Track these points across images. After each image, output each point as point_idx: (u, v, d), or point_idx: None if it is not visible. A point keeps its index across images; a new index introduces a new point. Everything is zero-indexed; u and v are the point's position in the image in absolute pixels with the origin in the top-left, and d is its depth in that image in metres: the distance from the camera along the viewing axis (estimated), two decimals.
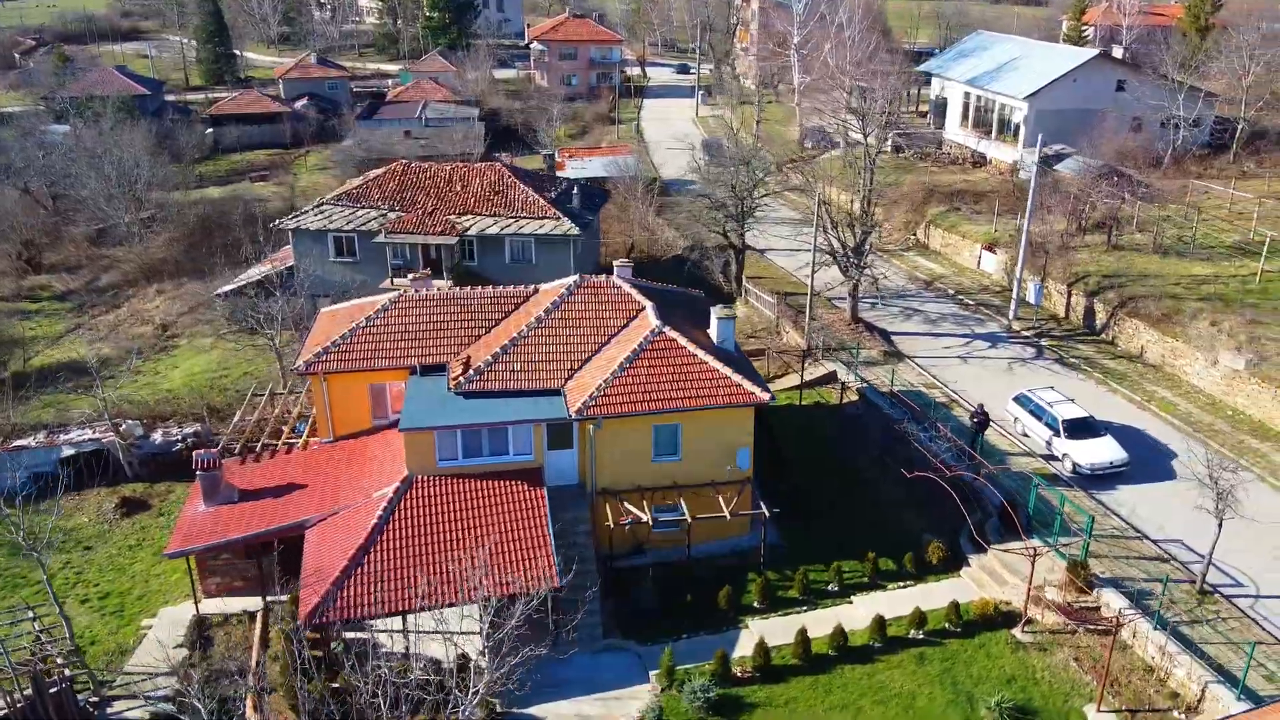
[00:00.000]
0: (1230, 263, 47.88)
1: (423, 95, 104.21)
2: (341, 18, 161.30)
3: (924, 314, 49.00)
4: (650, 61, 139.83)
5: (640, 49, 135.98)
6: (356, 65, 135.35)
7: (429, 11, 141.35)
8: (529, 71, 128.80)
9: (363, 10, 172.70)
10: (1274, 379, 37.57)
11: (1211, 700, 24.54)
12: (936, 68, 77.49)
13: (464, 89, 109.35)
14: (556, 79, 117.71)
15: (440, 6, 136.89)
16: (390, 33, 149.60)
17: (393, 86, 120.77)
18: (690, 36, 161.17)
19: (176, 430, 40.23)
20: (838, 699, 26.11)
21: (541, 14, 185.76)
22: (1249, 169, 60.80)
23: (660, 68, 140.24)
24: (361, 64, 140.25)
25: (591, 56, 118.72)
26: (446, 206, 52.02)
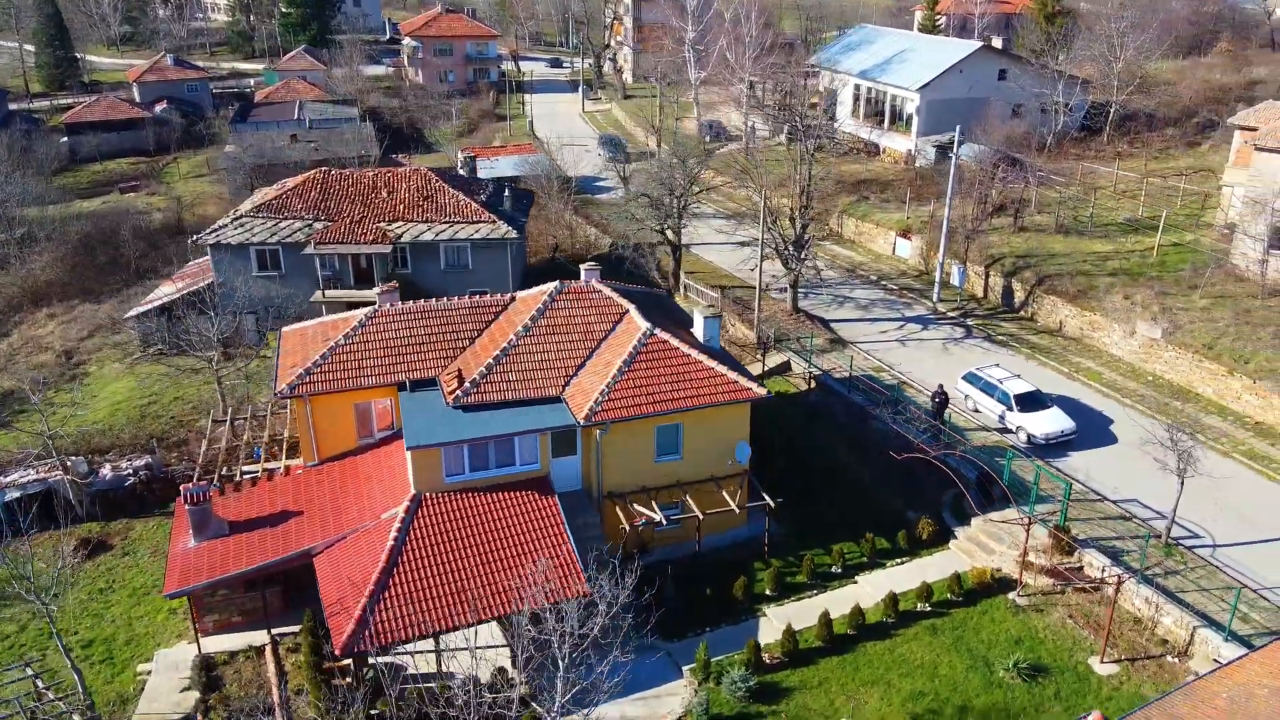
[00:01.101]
0: (1126, 239, 51.95)
1: (294, 95, 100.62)
2: (187, 15, 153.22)
3: (854, 301, 51.18)
4: (522, 56, 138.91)
5: (512, 43, 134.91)
6: (210, 65, 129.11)
7: (285, 7, 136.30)
8: (400, 68, 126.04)
9: (208, 7, 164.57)
10: (1189, 345, 41.21)
11: (1201, 643, 27.09)
12: (826, 61, 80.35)
13: (338, 88, 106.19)
14: (432, 76, 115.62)
15: (298, 2, 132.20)
16: (244, 30, 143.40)
17: (257, 87, 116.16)
18: (559, 30, 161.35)
19: (125, 464, 38.18)
20: (866, 675, 27.44)
21: (398, 8, 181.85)
22: (1123, 150, 65.82)
23: (532, 62, 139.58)
24: (215, 64, 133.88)
25: (468, 52, 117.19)
26: (374, 214, 50.82)
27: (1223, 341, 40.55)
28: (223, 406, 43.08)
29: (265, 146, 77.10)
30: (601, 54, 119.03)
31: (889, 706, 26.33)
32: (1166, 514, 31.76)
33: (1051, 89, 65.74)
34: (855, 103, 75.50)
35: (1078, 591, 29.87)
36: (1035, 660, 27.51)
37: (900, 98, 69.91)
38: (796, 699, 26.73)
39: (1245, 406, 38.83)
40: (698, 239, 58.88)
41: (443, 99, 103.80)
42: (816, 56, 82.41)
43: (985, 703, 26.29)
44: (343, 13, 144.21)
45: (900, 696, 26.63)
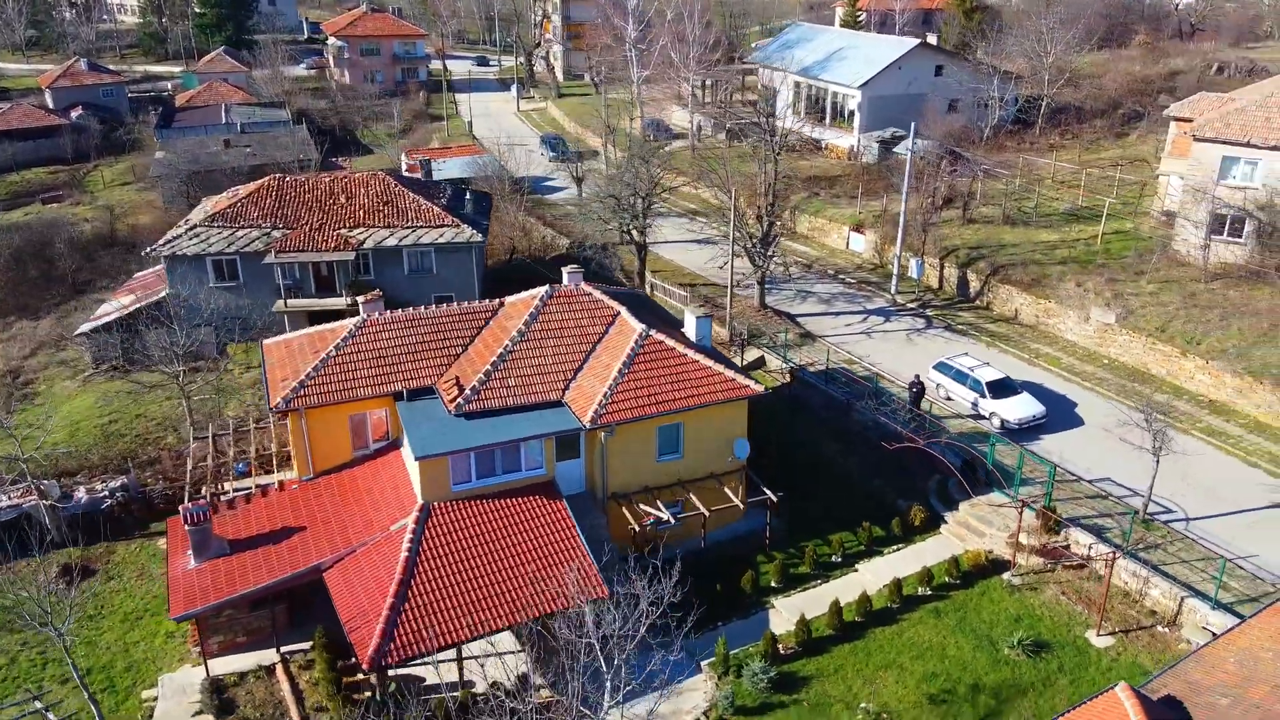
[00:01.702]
0: (1070, 228, 54.13)
1: (219, 98, 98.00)
2: (95, 17, 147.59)
3: (816, 295, 52.30)
4: (448, 55, 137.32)
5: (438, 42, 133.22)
6: (122, 69, 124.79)
7: (199, 7, 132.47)
8: (325, 68, 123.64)
9: (115, 8, 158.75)
10: (1142, 329, 43.28)
11: (1189, 612, 28.67)
12: (764, 59, 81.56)
13: (263, 90, 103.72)
14: (360, 76, 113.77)
15: (213, 2, 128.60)
16: (155, 32, 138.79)
17: (175, 90, 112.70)
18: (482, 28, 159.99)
19: (101, 486, 37.03)
20: (879, 660, 28.33)
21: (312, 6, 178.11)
22: (1055, 142, 68.45)
23: (458, 60, 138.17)
24: (127, 67, 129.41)
25: (395, 52, 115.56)
26: (334, 220, 50.06)
27: (1174, 324, 42.69)
28: (190, 422, 42.14)
29: (199, 153, 74.98)
30: (532, 52, 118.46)
31: (904, 689, 27.25)
32: (1139, 491, 33.51)
33: (987, 84, 67.95)
34: (795, 100, 76.84)
35: (1067, 569, 31.26)
36: (1036, 637, 28.74)
37: (841, 95, 71.44)
38: (815, 687, 27.47)
39: (1198, 386, 40.95)
40: (658, 238, 59.35)
41: (375, 99, 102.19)
42: (754, 55, 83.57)
43: (995, 680, 27.40)
44: (258, 12, 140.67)
45: (914, 679, 27.57)
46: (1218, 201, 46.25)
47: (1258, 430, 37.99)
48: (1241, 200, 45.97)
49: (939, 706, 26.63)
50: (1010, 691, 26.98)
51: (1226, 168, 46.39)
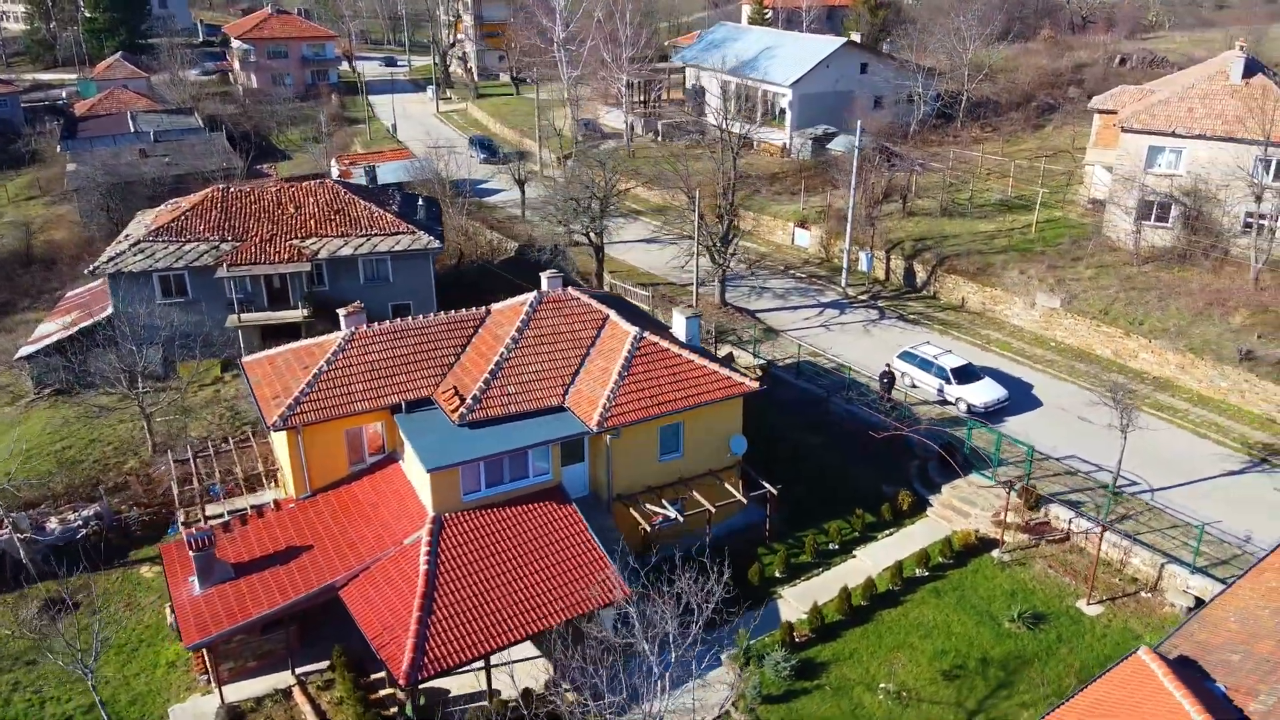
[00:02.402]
0: (1004, 218, 56.59)
1: (121, 106, 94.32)
2: None
3: (771, 291, 53.50)
4: (355, 56, 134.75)
5: (345, 43, 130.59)
6: (9, 77, 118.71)
7: (90, 11, 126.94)
8: (228, 72, 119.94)
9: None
10: (1086, 312, 45.69)
11: (1169, 577, 30.62)
12: (691, 58, 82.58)
13: (167, 96, 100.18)
14: (267, 79, 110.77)
15: (104, 6, 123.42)
16: (44, 39, 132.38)
17: (71, 99, 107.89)
18: (386, 28, 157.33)
19: (73, 516, 35.66)
20: (890, 641, 29.46)
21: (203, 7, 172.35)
22: (976, 135, 71.28)
23: (364, 61, 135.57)
24: (14, 75, 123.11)
25: (304, 54, 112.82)
26: (285, 231, 48.98)
27: (1116, 307, 45.19)
28: (152, 445, 40.92)
29: (114, 164, 72.08)
30: (448, 52, 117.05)
31: (919, 667, 28.43)
32: (1104, 466, 35.60)
33: (912, 80, 70.32)
34: (726, 99, 77.99)
35: (1050, 544, 33.00)
36: (1033, 609, 30.30)
37: (772, 93, 72.94)
38: (834, 671, 28.43)
39: (1142, 364, 43.48)
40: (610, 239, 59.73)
41: (290, 103, 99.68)
42: (681, 55, 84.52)
43: (1001, 652, 28.81)
44: (149, 15, 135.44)
45: (925, 657, 28.78)
46: (1146, 189, 49.06)
47: (1201, 404, 40.59)
48: (1168, 187, 48.88)
49: (953, 682, 27.88)
50: (1016, 663, 28.41)
51: (1153, 157, 49.26)
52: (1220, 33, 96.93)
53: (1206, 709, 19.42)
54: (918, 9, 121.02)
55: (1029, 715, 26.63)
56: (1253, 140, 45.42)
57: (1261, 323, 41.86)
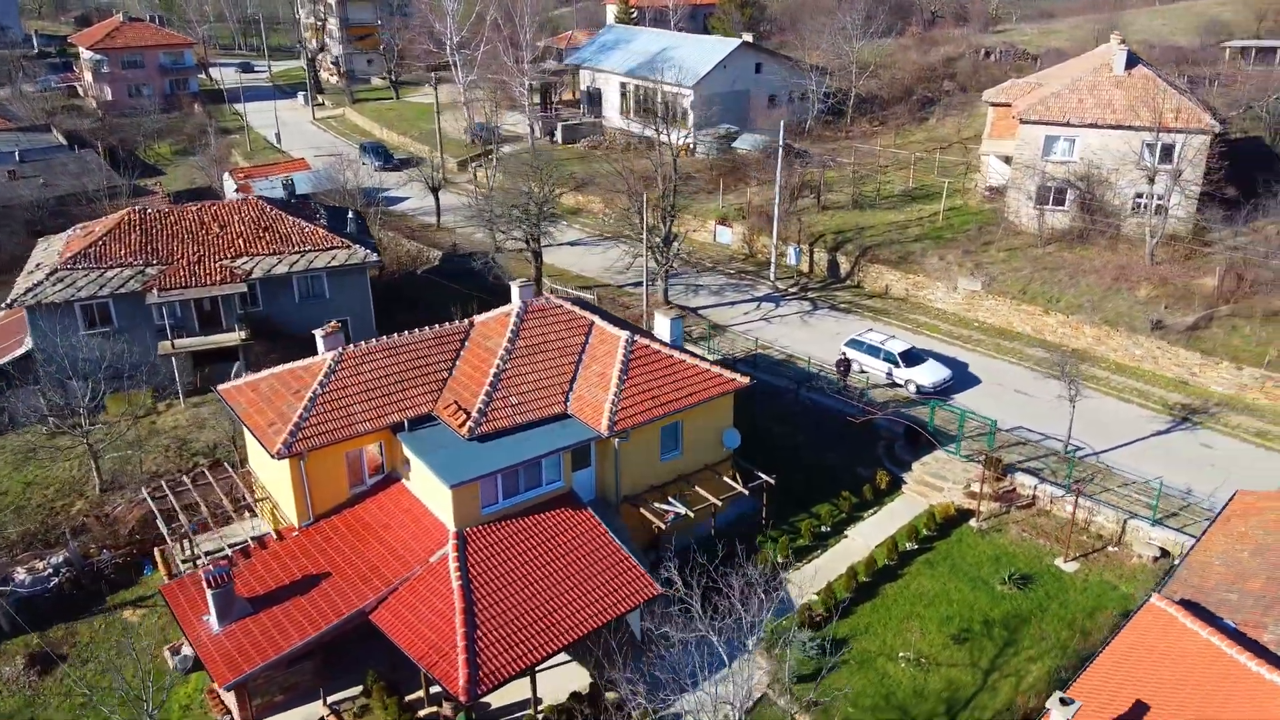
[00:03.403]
0: (911, 208, 59.87)
1: None
2: None
3: (706, 288, 54.99)
4: (211, 62, 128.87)
5: (200, 50, 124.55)
6: None
7: None
8: (77, 84, 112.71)
9: None
10: (1006, 292, 49.12)
11: (1132, 531, 33.67)
12: (585, 60, 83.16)
13: (22, 113, 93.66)
14: (123, 91, 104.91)
15: None
16: None
17: None
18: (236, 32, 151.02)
19: (42, 564, 33.66)
20: (898, 613, 31.32)
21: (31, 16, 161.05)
22: (867, 129, 74.79)
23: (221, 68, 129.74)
24: None
25: (162, 63, 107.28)
26: (212, 251, 47.23)
27: (1033, 286, 48.77)
28: (99, 484, 38.95)
29: None
30: (316, 57, 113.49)
31: (930, 635, 30.37)
32: (1049, 434, 38.65)
33: (804, 79, 73.16)
34: (623, 100, 79.15)
35: (1019, 509, 35.67)
36: (1019, 571, 32.76)
37: (672, 94, 74.40)
38: (856, 646, 30.06)
39: (1060, 338, 47.12)
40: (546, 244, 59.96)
41: (157, 115, 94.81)
42: (574, 57, 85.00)
43: (1000, 613, 31.09)
44: None
45: (934, 624, 30.77)
46: (1046, 175, 53.00)
47: (1120, 372, 44.39)
48: (1064, 173, 52.95)
49: (964, 645, 29.95)
50: (1015, 621, 30.74)
51: (1049, 145, 53.26)
52: (1064, 24, 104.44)
53: (1235, 642, 21.88)
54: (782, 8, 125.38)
55: (1037, 668, 28.97)
56: (1141, 127, 49.80)
57: (1165, 294, 46.08)
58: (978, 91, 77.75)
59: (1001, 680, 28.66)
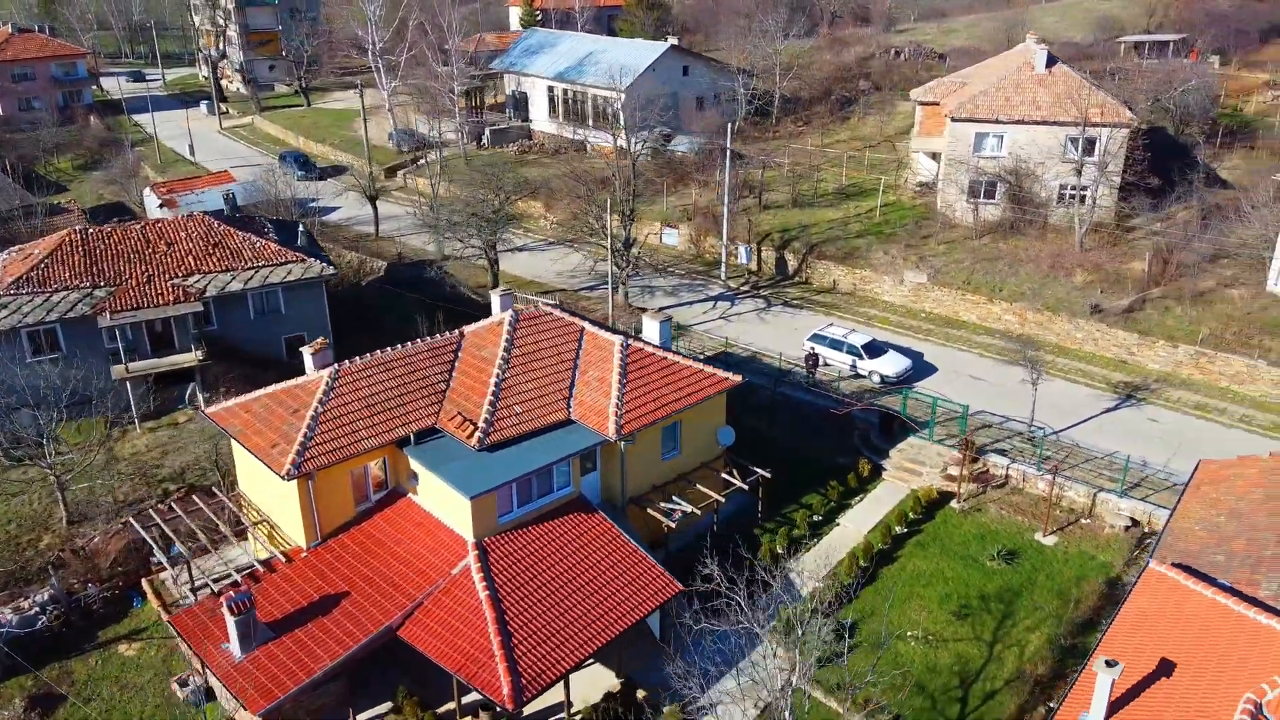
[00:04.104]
0: (847, 205, 61.89)
1: None
2: None
3: (661, 289, 55.79)
4: (101, 71, 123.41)
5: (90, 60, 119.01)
6: None
7: None
8: None
9: None
10: (951, 283, 51.38)
11: (1102, 504, 35.89)
12: (510, 65, 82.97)
13: None
14: (13, 105, 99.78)
15: None
16: None
17: None
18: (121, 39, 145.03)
19: (27, 603, 32.30)
20: (900, 594, 32.74)
21: None
22: (793, 129, 76.77)
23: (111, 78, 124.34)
24: None
25: (54, 74, 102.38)
26: (163, 270, 45.84)
27: (975, 277, 51.17)
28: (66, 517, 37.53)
29: None
30: (218, 64, 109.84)
31: (932, 613, 31.87)
32: (1010, 417, 40.83)
33: (731, 80, 74.70)
34: (551, 104, 79.36)
35: (995, 489, 37.61)
36: (1004, 547, 34.59)
37: (603, 97, 75.07)
38: (864, 629, 31.31)
39: (1005, 325, 49.57)
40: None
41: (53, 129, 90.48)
42: (498, 61, 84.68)
43: (993, 588, 32.83)
44: None
45: (934, 603, 32.29)
46: (978, 170, 55.60)
47: (1064, 354, 46.98)
48: (994, 167, 55.63)
49: (965, 620, 31.55)
50: (1009, 594, 32.52)
51: (979, 142, 55.90)
52: (959, 22, 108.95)
53: (1240, 599, 23.84)
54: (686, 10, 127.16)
55: (1036, 636, 30.76)
56: (1067, 122, 52.75)
57: (1099, 279, 48.99)
58: (892, 90, 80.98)
59: (1005, 651, 30.34)
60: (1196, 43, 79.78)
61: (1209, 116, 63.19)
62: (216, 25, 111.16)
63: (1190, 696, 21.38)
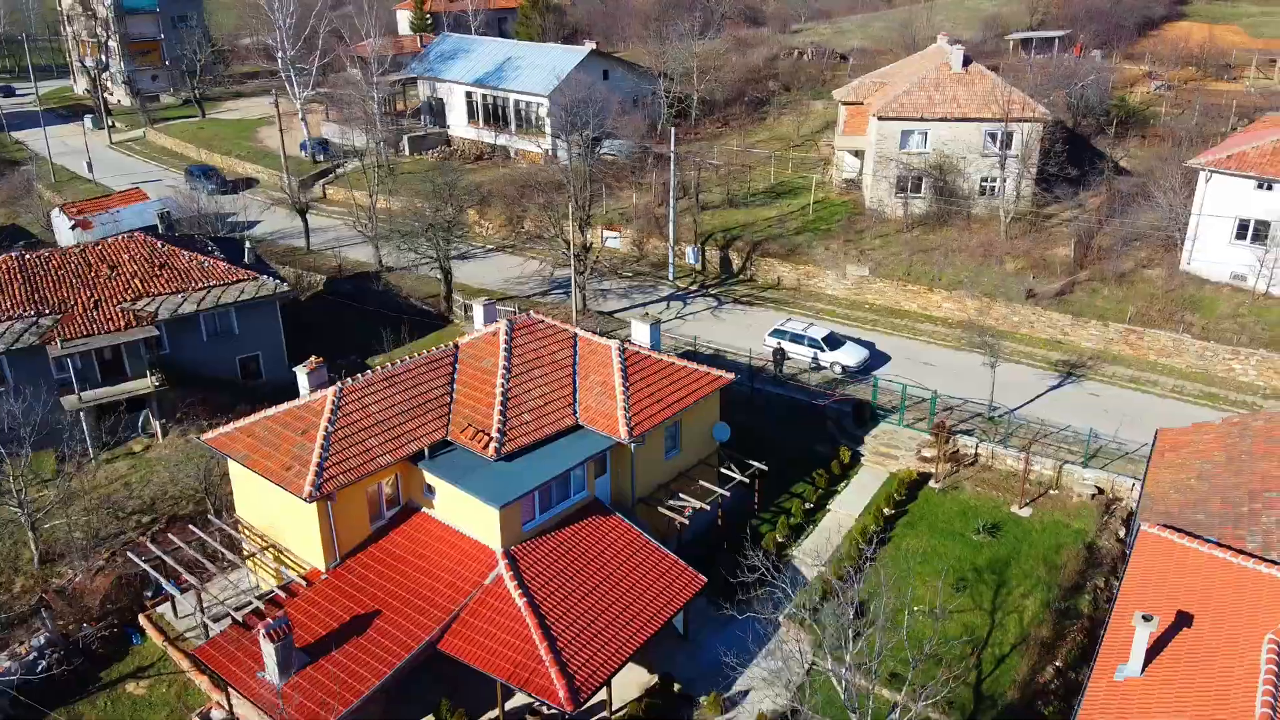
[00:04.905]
0: (779, 203, 63.84)
1: None
2: None
3: (611, 291, 56.48)
4: None
5: None
6: None
7: None
8: None
9: None
10: (892, 275, 53.80)
11: (1067, 474, 38.49)
12: (424, 71, 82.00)
13: None
14: None
15: None
16: None
17: None
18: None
19: (23, 648, 30.84)
20: (897, 571, 34.31)
21: None
22: (713, 130, 78.38)
23: None
24: None
25: None
26: (109, 295, 44.19)
27: (914, 268, 53.71)
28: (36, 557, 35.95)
29: None
30: (99, 76, 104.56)
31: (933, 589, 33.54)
32: (969, 399, 43.25)
33: (651, 84, 75.83)
34: (470, 109, 78.92)
35: (967, 467, 39.85)
36: (985, 522, 36.75)
37: (526, 102, 75.15)
38: (872, 607, 32.84)
39: (945, 312, 52.25)
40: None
41: None
42: (411, 67, 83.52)
43: (984, 559, 34.90)
44: None
45: (933, 578, 34.00)
46: (905, 166, 58.29)
47: (1003, 337, 49.54)
48: (921, 163, 58.43)
49: (964, 592, 33.47)
50: (1000, 564, 34.64)
51: (905, 139, 58.58)
52: (849, 22, 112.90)
53: (1235, 552, 26.29)
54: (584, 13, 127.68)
55: (1032, 602, 32.93)
56: (987, 118, 55.90)
57: (1029, 266, 52.17)
58: (801, 90, 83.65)
59: (1006, 617, 32.41)
60: (1079, 38, 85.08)
61: (1105, 109, 67.67)
62: (96, 36, 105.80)
63: (1214, 643, 23.54)
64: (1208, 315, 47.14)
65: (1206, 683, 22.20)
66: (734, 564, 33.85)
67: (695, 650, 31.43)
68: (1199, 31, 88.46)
